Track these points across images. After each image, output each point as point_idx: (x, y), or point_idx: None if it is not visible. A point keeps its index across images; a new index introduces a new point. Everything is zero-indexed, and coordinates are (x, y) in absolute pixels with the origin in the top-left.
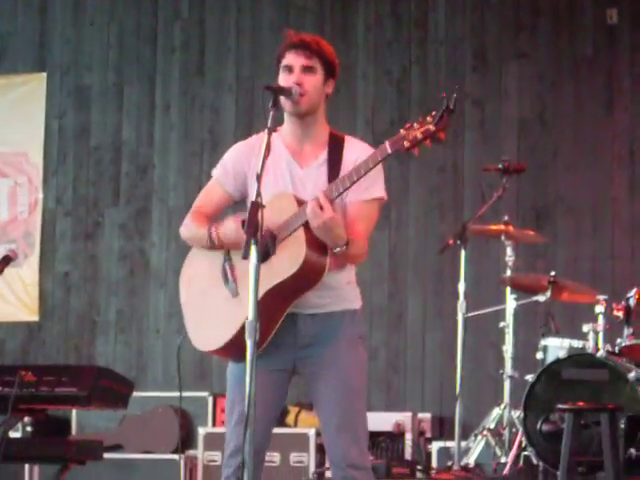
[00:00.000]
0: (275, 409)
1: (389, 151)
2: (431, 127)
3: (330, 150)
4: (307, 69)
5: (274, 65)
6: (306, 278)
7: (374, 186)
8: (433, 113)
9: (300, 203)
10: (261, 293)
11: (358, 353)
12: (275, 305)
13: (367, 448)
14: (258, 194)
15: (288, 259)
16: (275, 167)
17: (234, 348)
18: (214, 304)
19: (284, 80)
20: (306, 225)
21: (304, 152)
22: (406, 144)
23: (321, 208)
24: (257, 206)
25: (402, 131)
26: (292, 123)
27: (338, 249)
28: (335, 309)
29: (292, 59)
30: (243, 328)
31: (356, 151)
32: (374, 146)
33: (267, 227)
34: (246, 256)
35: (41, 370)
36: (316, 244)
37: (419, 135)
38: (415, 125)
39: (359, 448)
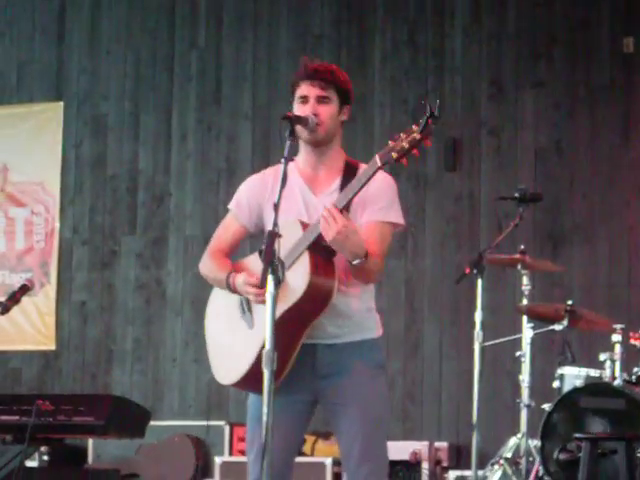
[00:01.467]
0: (296, 440)
1: (379, 164)
2: (416, 135)
3: (344, 177)
4: (322, 99)
5: (291, 93)
6: (314, 302)
7: (389, 210)
8: (419, 121)
9: (305, 226)
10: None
11: (379, 383)
12: (289, 333)
13: (387, 478)
14: (275, 224)
15: (294, 284)
16: (290, 195)
17: (252, 380)
18: (232, 337)
19: (300, 110)
20: (310, 248)
21: (318, 179)
22: (394, 155)
23: (333, 219)
24: (274, 235)
25: (390, 143)
26: (307, 151)
27: (357, 260)
28: (354, 339)
29: (307, 90)
30: (259, 358)
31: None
32: (390, 174)
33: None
34: (262, 285)
35: (58, 399)
36: (322, 266)
37: (406, 145)
38: (402, 136)
39: (379, 478)
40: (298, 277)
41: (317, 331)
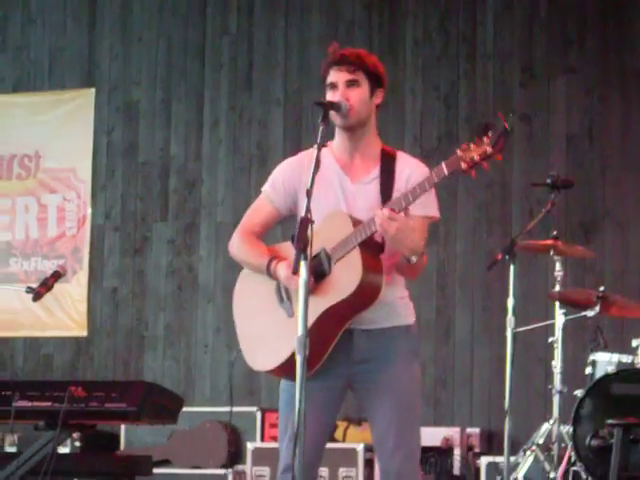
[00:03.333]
0: (328, 426)
1: (446, 173)
2: (488, 149)
3: (382, 165)
4: (351, 83)
5: (322, 81)
6: (362, 299)
7: (429, 204)
8: (490, 134)
9: (355, 222)
10: (318, 314)
11: (412, 369)
12: (330, 326)
13: (419, 464)
14: (308, 210)
15: (344, 280)
16: (326, 181)
17: (289, 367)
18: (269, 323)
19: (330, 97)
20: (362, 245)
21: (355, 166)
22: (463, 165)
23: (393, 218)
24: (307, 222)
25: (459, 152)
26: (343, 137)
27: (414, 258)
28: (389, 325)
29: (335, 76)
30: None
31: (408, 167)
32: (424, 161)
33: (322, 246)
34: (295, 271)
35: (91, 385)
36: (372, 264)
37: (476, 157)
38: (472, 146)
39: (412, 465)
40: (349, 273)
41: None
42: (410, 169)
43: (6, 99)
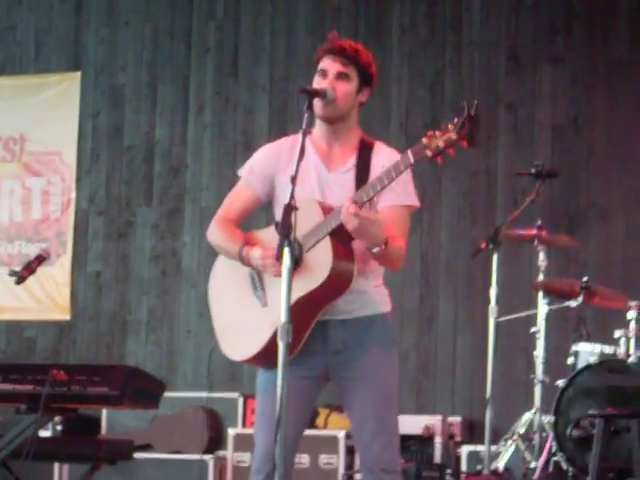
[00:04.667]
0: (305, 415)
1: (411, 160)
2: (452, 135)
3: (359, 155)
4: (341, 76)
5: (308, 66)
6: (334, 286)
7: (407, 193)
8: (455, 121)
9: (325, 210)
10: (292, 302)
11: (390, 357)
12: (305, 314)
13: (399, 452)
14: (292, 196)
15: (316, 268)
16: (303, 170)
17: (265, 357)
18: (243, 313)
19: (317, 83)
20: (332, 233)
21: (333, 156)
22: (428, 153)
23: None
24: (291, 208)
25: (424, 140)
26: (322, 127)
27: (376, 249)
28: (364, 314)
29: (328, 64)
30: (273, 337)
31: (383, 157)
32: (405, 150)
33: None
34: (279, 258)
35: (73, 369)
36: (343, 252)
37: (441, 144)
38: (437, 133)
39: (392, 452)
40: (319, 262)
41: (328, 308)
42: (385, 158)
43: None
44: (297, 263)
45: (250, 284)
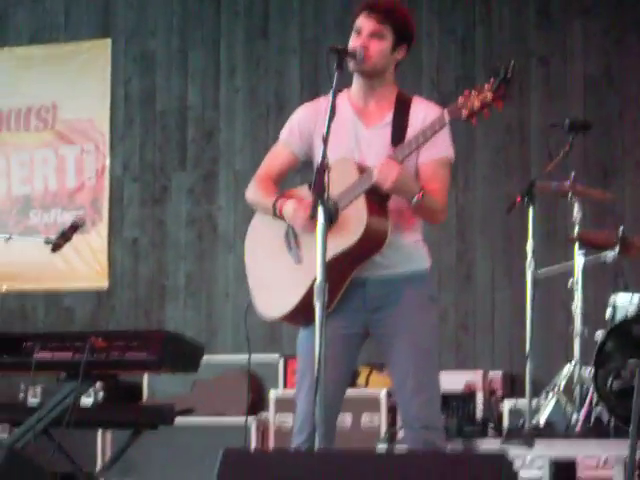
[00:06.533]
0: (346, 372)
1: (447, 120)
2: (488, 96)
3: (396, 111)
4: (375, 34)
5: (338, 27)
6: (369, 245)
7: (443, 145)
8: (491, 81)
9: (361, 169)
10: (327, 261)
11: (429, 314)
12: (339, 272)
13: (440, 409)
14: (324, 156)
15: (351, 227)
16: (340, 127)
17: (300, 314)
18: (278, 271)
19: (352, 41)
20: (367, 192)
21: (369, 111)
22: (464, 112)
23: (390, 170)
24: (324, 168)
25: (460, 99)
26: (359, 82)
27: (415, 200)
28: (403, 270)
29: (363, 22)
30: (308, 293)
31: (423, 110)
32: (441, 105)
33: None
34: (313, 216)
35: (111, 336)
36: (377, 210)
37: (477, 104)
38: (473, 93)
39: (433, 409)
40: (355, 221)
41: (365, 264)
42: (425, 111)
43: (22, 51)
44: (332, 221)
45: (285, 242)
